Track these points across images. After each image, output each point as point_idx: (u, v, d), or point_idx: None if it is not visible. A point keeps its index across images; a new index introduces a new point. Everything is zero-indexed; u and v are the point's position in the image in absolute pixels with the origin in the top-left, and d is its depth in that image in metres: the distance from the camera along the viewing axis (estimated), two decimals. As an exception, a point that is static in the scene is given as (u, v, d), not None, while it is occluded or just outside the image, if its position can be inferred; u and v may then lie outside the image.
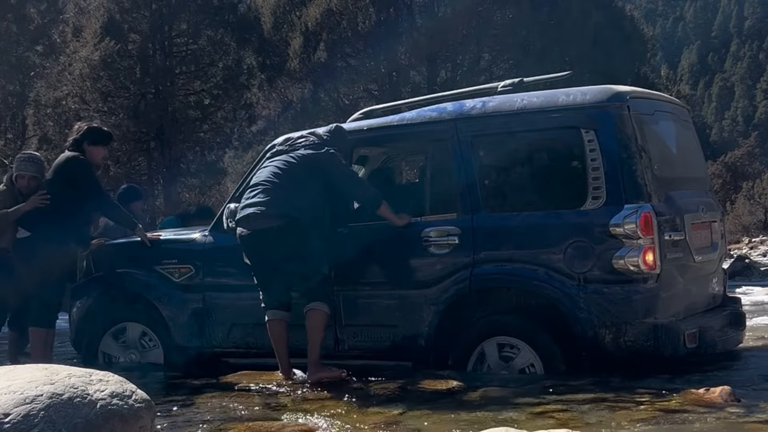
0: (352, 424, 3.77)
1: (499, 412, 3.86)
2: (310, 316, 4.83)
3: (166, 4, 20.44)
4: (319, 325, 4.82)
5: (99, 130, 5.97)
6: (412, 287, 4.87)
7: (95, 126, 6.07)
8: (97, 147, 5.82)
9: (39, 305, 5.64)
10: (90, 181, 5.68)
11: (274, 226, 4.83)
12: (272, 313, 4.93)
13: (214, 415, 4.13)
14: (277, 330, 4.92)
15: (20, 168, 5.93)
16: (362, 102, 18.47)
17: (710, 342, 4.58)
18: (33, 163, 6.00)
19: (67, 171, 5.65)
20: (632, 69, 20.45)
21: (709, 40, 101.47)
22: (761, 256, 21.57)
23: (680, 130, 5.21)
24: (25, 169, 5.91)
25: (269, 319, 4.92)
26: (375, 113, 5.79)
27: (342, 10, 19.22)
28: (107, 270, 5.89)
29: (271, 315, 4.93)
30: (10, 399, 2.63)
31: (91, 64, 19.29)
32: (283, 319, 4.92)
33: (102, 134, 5.95)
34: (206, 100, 21.40)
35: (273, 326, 4.92)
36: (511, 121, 4.79)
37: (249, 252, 4.98)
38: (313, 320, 4.82)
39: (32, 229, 5.64)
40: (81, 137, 5.78)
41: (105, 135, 5.97)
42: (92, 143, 5.78)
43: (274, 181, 4.93)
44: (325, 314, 4.84)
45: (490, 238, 4.72)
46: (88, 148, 5.76)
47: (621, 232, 4.36)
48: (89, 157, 5.75)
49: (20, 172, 5.91)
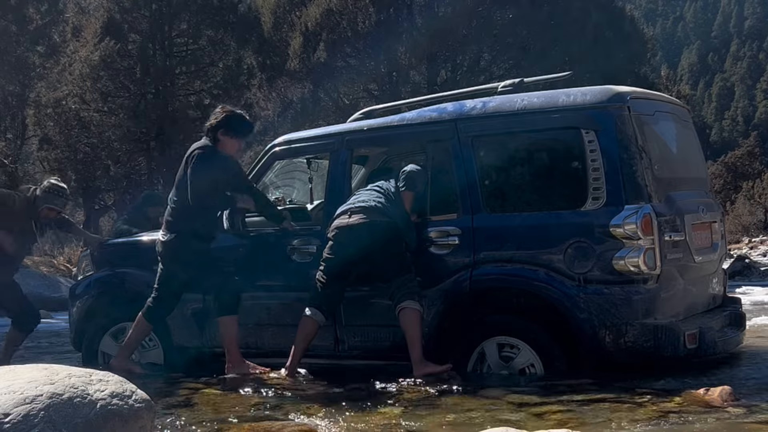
0: (352, 424, 3.77)
1: (499, 412, 3.86)
2: (402, 315, 4.76)
3: (166, 4, 20.45)
4: (412, 323, 4.74)
5: (237, 120, 5.28)
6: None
7: (234, 114, 5.31)
8: (231, 139, 5.25)
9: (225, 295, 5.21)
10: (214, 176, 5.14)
11: (379, 221, 4.84)
12: (313, 311, 4.92)
13: (214, 415, 4.13)
14: (308, 328, 4.92)
15: (53, 202, 6.21)
16: (362, 102, 18.48)
17: (710, 342, 4.57)
18: (64, 198, 6.34)
19: (194, 164, 5.15)
20: (632, 69, 20.46)
21: (709, 40, 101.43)
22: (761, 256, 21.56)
23: (680, 130, 5.21)
24: (59, 205, 6.27)
25: (308, 315, 4.92)
26: (375, 113, 5.79)
27: (342, 10, 19.23)
28: (107, 270, 5.89)
29: (312, 313, 4.92)
30: (10, 399, 2.63)
31: (91, 64, 19.30)
32: (318, 322, 4.92)
33: (240, 126, 5.30)
34: (206, 100, 21.40)
35: (307, 323, 4.92)
36: (511, 121, 4.79)
37: (339, 245, 4.90)
38: (406, 319, 4.75)
39: (175, 231, 5.24)
40: (216, 125, 5.24)
41: (243, 127, 5.33)
42: (226, 134, 5.22)
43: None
44: (416, 311, 4.75)
45: (490, 238, 4.72)
46: (222, 138, 5.22)
47: (621, 233, 4.36)
48: (221, 147, 5.23)
49: (51, 205, 6.20)
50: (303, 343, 4.95)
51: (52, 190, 6.26)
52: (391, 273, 4.83)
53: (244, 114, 5.39)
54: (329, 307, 4.96)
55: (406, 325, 4.75)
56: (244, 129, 5.35)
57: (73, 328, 5.97)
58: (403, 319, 4.75)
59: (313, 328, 4.93)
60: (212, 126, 5.25)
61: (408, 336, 4.74)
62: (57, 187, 6.32)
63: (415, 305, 4.74)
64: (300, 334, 4.94)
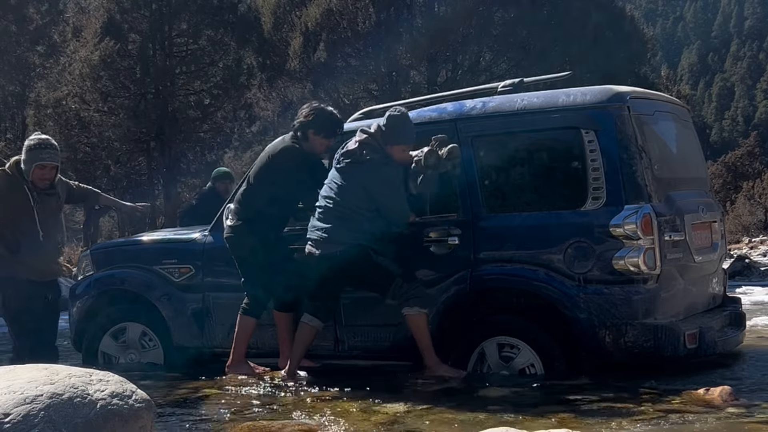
0: (352, 424, 3.77)
1: (499, 412, 3.86)
2: (408, 322, 4.72)
3: (166, 4, 20.46)
4: (417, 329, 4.70)
5: (328, 120, 5.11)
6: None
7: (325, 112, 5.14)
8: (321, 139, 5.09)
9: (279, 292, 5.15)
10: (298, 176, 5.03)
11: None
12: (309, 318, 4.91)
13: (214, 415, 4.13)
14: (306, 334, 4.92)
15: (40, 156, 5.17)
16: (362, 102, 18.48)
17: (710, 342, 4.57)
18: (53, 149, 5.26)
19: (280, 162, 5.07)
20: (632, 69, 20.48)
21: (709, 40, 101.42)
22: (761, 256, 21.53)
23: (680, 130, 5.21)
24: (50, 158, 5.20)
25: (306, 322, 4.91)
26: (375, 113, 5.78)
27: (342, 10, 19.23)
28: (107, 270, 5.89)
29: (308, 320, 4.91)
30: (10, 399, 2.63)
31: (91, 64, 19.32)
32: (315, 328, 4.91)
33: (331, 126, 5.11)
34: (206, 100, 21.43)
35: (304, 330, 4.92)
36: (511, 121, 4.79)
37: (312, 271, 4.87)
38: (412, 325, 4.72)
39: (242, 218, 5.11)
40: (307, 123, 5.09)
41: (334, 127, 5.13)
42: (318, 134, 5.07)
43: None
44: (416, 317, 4.69)
45: (490, 238, 4.72)
46: (312, 137, 5.07)
47: (621, 233, 4.36)
48: (310, 146, 5.09)
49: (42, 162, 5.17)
50: (302, 346, 4.94)
51: (35, 145, 5.14)
52: (377, 287, 4.82)
53: (335, 112, 5.22)
54: (325, 315, 4.94)
55: (413, 332, 4.73)
56: (335, 128, 5.16)
57: (73, 328, 5.96)
58: (409, 326, 4.73)
59: (311, 334, 4.93)
60: (302, 123, 5.09)
61: (417, 342, 4.72)
62: (38, 139, 5.26)
63: (414, 310, 4.69)
64: (298, 338, 4.94)
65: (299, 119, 5.11)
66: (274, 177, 5.08)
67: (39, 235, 5.30)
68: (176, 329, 5.57)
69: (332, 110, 5.23)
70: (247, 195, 5.17)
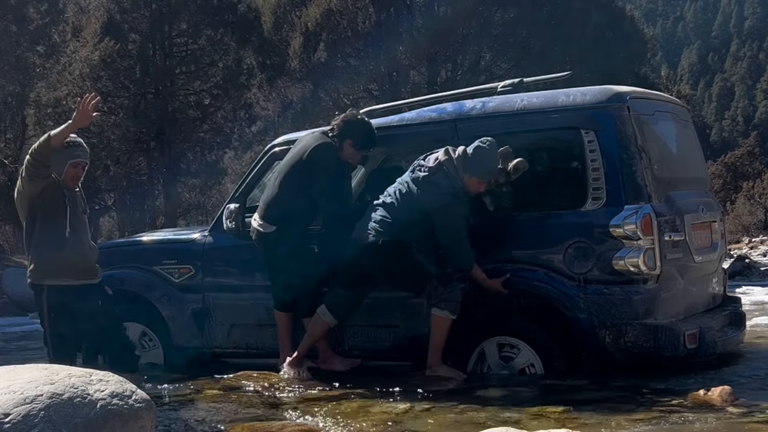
0: (352, 424, 3.77)
1: (499, 412, 3.86)
2: (433, 319, 4.70)
3: (166, 4, 20.48)
4: (435, 329, 4.68)
5: (370, 135, 5.03)
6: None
7: (368, 126, 5.07)
8: (354, 151, 5.04)
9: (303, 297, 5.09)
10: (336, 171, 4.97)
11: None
12: (324, 311, 4.88)
13: (214, 415, 4.12)
14: (318, 328, 4.91)
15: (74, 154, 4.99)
16: (362, 102, 18.49)
17: (710, 342, 4.57)
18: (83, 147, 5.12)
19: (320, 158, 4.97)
20: (632, 69, 20.49)
21: (709, 40, 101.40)
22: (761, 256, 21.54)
23: (680, 130, 5.21)
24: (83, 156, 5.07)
25: (321, 314, 4.88)
26: (375, 113, 5.78)
27: (342, 10, 19.23)
28: (107, 270, 5.88)
29: (323, 313, 4.88)
30: (10, 399, 2.63)
31: (91, 64, 19.32)
32: (327, 323, 4.89)
33: (370, 141, 5.05)
34: (206, 100, 21.44)
35: (317, 322, 4.91)
36: (511, 121, 4.79)
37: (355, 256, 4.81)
38: (431, 324, 4.70)
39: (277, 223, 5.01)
40: (347, 131, 5.00)
41: (372, 143, 5.06)
42: (354, 145, 5.00)
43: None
44: (441, 319, 4.65)
45: (489, 238, 4.72)
46: (347, 146, 5.00)
47: (621, 233, 4.36)
48: (343, 154, 5.02)
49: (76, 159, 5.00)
50: (311, 339, 4.93)
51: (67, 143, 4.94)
52: (413, 286, 4.77)
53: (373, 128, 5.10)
54: (340, 312, 4.90)
55: (432, 330, 4.71)
56: (372, 145, 5.10)
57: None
58: (432, 323, 4.71)
59: (323, 329, 4.91)
60: (342, 130, 5.00)
61: (430, 339, 4.71)
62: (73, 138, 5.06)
63: (444, 313, 4.63)
64: (310, 330, 4.92)
65: (338, 124, 5.02)
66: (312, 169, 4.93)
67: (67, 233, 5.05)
68: (176, 329, 5.57)
69: (371, 125, 5.12)
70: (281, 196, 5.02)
